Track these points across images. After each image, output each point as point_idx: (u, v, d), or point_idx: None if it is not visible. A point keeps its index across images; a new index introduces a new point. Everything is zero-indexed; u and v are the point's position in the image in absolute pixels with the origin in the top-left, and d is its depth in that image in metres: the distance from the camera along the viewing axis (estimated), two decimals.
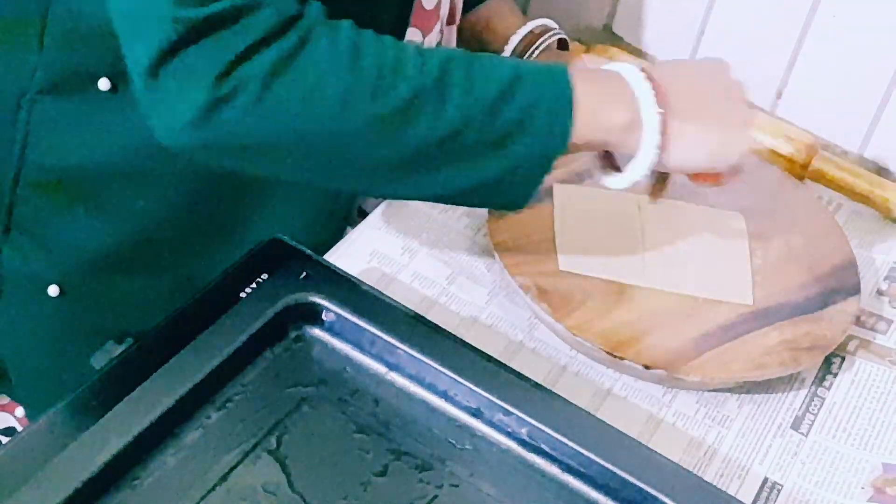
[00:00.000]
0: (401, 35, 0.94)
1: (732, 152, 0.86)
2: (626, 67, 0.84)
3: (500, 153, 0.79)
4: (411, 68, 0.76)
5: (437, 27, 0.99)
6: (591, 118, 0.80)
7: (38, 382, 1.00)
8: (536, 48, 1.07)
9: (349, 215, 1.02)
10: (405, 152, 0.77)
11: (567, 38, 1.11)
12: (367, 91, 0.75)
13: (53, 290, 0.95)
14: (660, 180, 0.94)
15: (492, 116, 0.77)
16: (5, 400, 1.03)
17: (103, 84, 0.86)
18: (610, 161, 0.88)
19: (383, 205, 1.01)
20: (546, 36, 1.08)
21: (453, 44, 1.07)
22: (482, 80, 0.78)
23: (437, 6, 0.97)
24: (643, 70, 0.83)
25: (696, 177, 0.89)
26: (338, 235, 0.99)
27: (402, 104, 0.75)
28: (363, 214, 1.02)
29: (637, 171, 0.84)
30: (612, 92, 0.82)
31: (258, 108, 0.73)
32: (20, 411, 1.03)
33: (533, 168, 0.80)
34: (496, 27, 1.10)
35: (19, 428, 1.04)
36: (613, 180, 0.87)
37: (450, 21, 1.03)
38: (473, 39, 1.11)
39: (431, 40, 0.99)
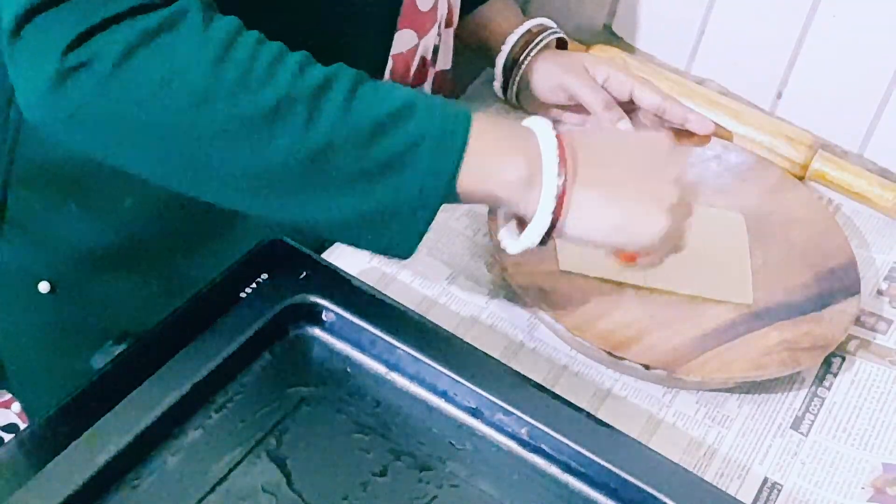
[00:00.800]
0: (389, 36, 0.94)
1: (640, 234, 0.79)
2: (540, 125, 0.78)
3: (375, 186, 0.73)
4: (285, 75, 0.71)
5: (435, 30, 0.99)
6: (481, 168, 0.75)
7: (34, 378, 1.00)
8: (534, 47, 1.07)
9: None
10: (266, 165, 0.72)
11: (566, 38, 1.11)
12: (229, 87, 0.70)
13: (44, 287, 0.94)
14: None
15: (366, 144, 0.73)
16: (5, 396, 1.03)
17: None
18: (520, 220, 0.82)
19: None
20: (544, 35, 1.08)
21: (451, 47, 1.07)
22: (366, 104, 0.73)
23: (434, 8, 0.97)
24: (556, 131, 0.78)
25: (613, 252, 0.85)
26: None
27: (265, 110, 0.71)
28: None
29: (531, 235, 0.78)
30: (515, 146, 0.77)
31: (109, 83, 0.69)
32: (17, 406, 1.03)
33: (415, 211, 0.75)
34: (495, 27, 1.10)
35: (18, 423, 1.05)
36: (511, 242, 0.81)
37: (448, 23, 1.03)
38: (473, 39, 1.11)
39: (428, 43, 0.99)
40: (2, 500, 0.66)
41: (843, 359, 0.94)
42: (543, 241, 0.79)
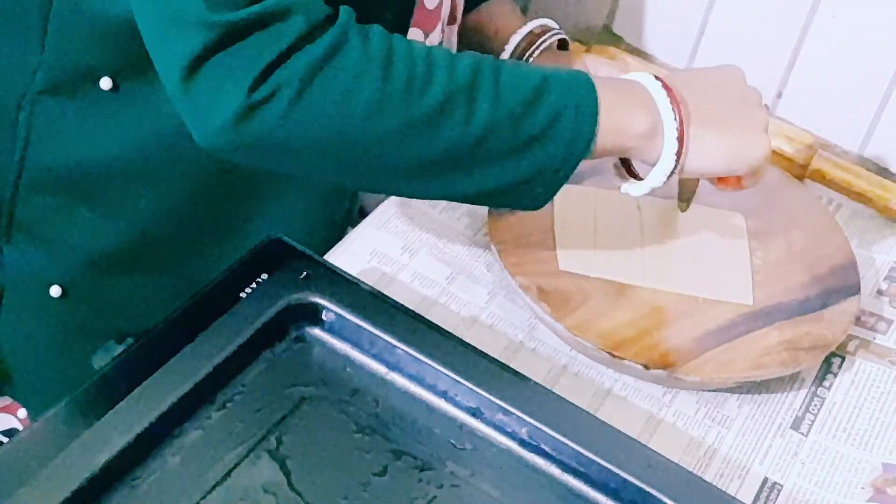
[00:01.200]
0: (403, 34, 0.94)
1: (751, 156, 0.87)
2: (643, 76, 0.85)
3: (525, 157, 0.80)
4: (442, 74, 0.77)
5: (439, 27, 0.99)
6: (613, 125, 0.82)
7: (41, 383, 1.00)
8: (536, 48, 1.07)
9: (350, 215, 1.02)
10: (435, 155, 0.79)
11: (567, 39, 1.11)
12: (399, 96, 0.76)
13: (56, 291, 0.95)
14: (687, 188, 0.96)
15: (519, 122, 0.79)
16: (7, 401, 1.03)
17: (105, 83, 0.86)
18: (628, 168, 0.90)
19: (383, 204, 1.01)
20: (546, 36, 1.08)
21: (454, 44, 1.07)
22: (510, 87, 0.79)
23: (439, 6, 0.97)
24: (659, 79, 0.85)
25: (718, 182, 0.90)
26: (339, 235, 0.99)
27: (433, 109, 0.77)
28: (363, 214, 1.02)
29: (656, 177, 0.85)
30: (634, 100, 0.84)
31: (292, 112, 0.74)
32: (22, 412, 1.03)
33: (557, 172, 0.82)
34: (497, 28, 1.10)
35: (21, 429, 1.04)
36: (633, 187, 0.89)
37: (450, 21, 1.04)
38: (474, 39, 1.11)
39: (433, 40, 0.99)
40: (2, 500, 0.66)
41: (843, 359, 0.94)
42: (667, 179, 0.86)
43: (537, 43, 1.07)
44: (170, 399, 0.72)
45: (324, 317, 0.81)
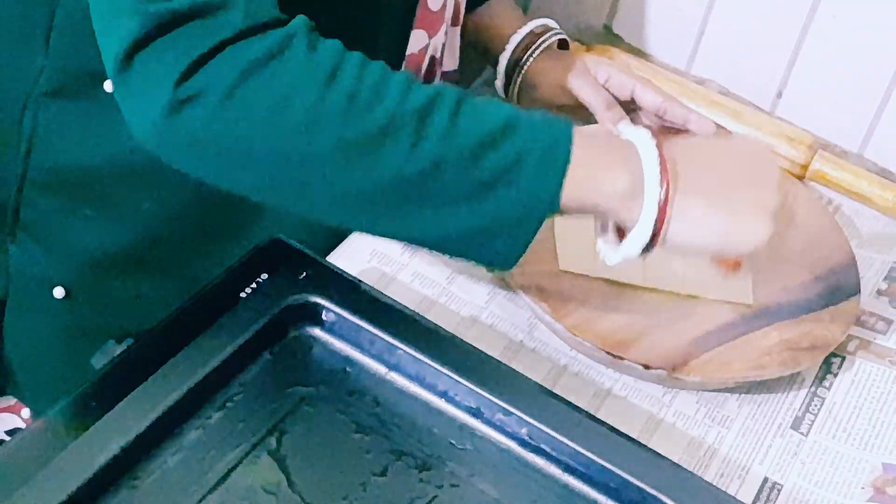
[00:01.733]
0: (405, 37, 0.94)
1: (745, 240, 0.79)
2: (639, 134, 0.79)
3: (482, 202, 0.74)
4: (392, 96, 0.72)
5: (443, 29, 0.99)
6: (585, 180, 0.75)
7: (44, 384, 1.00)
8: (537, 48, 1.07)
9: None
10: (375, 184, 0.73)
11: (567, 38, 1.11)
12: (338, 111, 0.71)
13: (59, 292, 0.94)
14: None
15: (473, 161, 0.73)
16: (11, 401, 1.03)
17: (109, 86, 0.86)
18: (618, 229, 0.82)
19: None
20: (546, 36, 1.08)
21: (457, 45, 1.07)
22: (470, 121, 0.73)
23: (443, 7, 0.97)
24: (656, 140, 0.78)
25: (714, 259, 0.85)
26: (342, 237, 0.99)
27: (374, 131, 0.72)
28: None
29: (631, 245, 0.78)
30: (617, 157, 0.77)
31: (221, 112, 0.70)
32: (26, 412, 1.03)
33: (518, 224, 0.75)
34: (497, 28, 1.10)
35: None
36: (610, 253, 0.81)
37: (454, 22, 1.04)
38: (475, 40, 1.11)
39: (437, 42, 0.99)
40: (2, 500, 0.66)
41: (843, 359, 0.94)
42: (645, 251, 0.78)
43: (537, 43, 1.07)
44: (170, 399, 0.72)
45: (324, 317, 0.81)
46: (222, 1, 0.70)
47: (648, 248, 0.78)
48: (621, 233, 0.80)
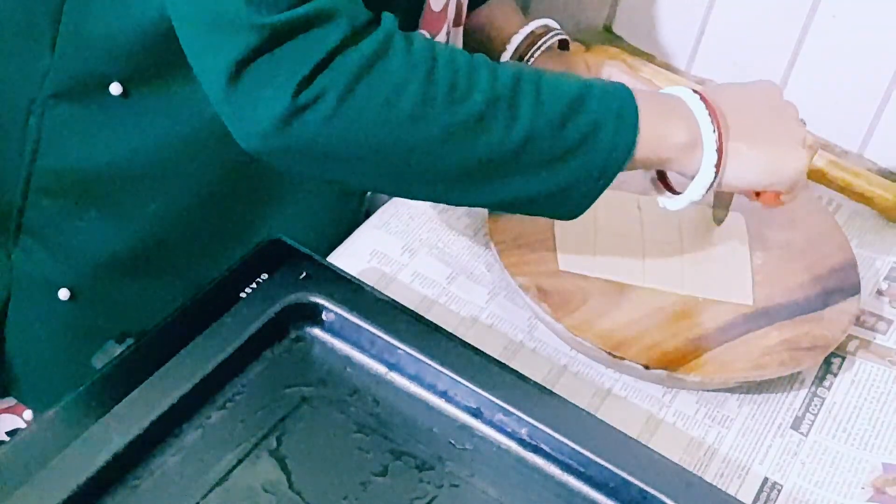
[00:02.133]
0: None
1: (788, 170, 0.87)
2: (681, 90, 0.86)
3: (565, 166, 0.80)
4: (484, 80, 0.78)
5: (444, 29, 0.99)
6: (653, 137, 0.82)
7: (47, 385, 1.00)
8: (537, 48, 1.07)
9: (356, 217, 1.01)
10: (476, 162, 0.79)
11: (568, 39, 1.11)
12: (442, 101, 0.76)
13: (64, 294, 0.95)
14: (722, 200, 0.97)
15: (559, 130, 0.79)
16: (13, 402, 1.03)
17: (115, 89, 0.86)
18: (664, 181, 0.91)
19: (384, 205, 1.01)
20: (547, 37, 1.08)
21: (460, 45, 1.07)
22: (551, 95, 0.80)
23: (445, 7, 0.97)
24: (698, 92, 0.85)
25: (756, 196, 0.91)
26: (342, 237, 0.99)
27: (475, 115, 0.77)
28: (368, 216, 1.02)
29: (696, 189, 0.86)
30: (673, 111, 0.84)
31: (337, 116, 0.74)
32: (28, 414, 1.03)
33: (596, 181, 0.82)
34: (498, 28, 1.10)
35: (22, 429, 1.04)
36: (671, 201, 0.89)
37: (456, 23, 1.03)
38: (475, 40, 1.11)
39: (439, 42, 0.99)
40: (2, 500, 0.66)
41: (843, 359, 0.94)
42: (706, 194, 0.86)
43: (538, 43, 1.07)
44: (170, 399, 0.72)
45: (324, 317, 0.81)
46: (330, 10, 0.73)
47: (709, 189, 0.86)
48: (665, 183, 0.90)
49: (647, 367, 0.86)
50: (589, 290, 0.94)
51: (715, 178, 0.85)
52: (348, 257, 0.94)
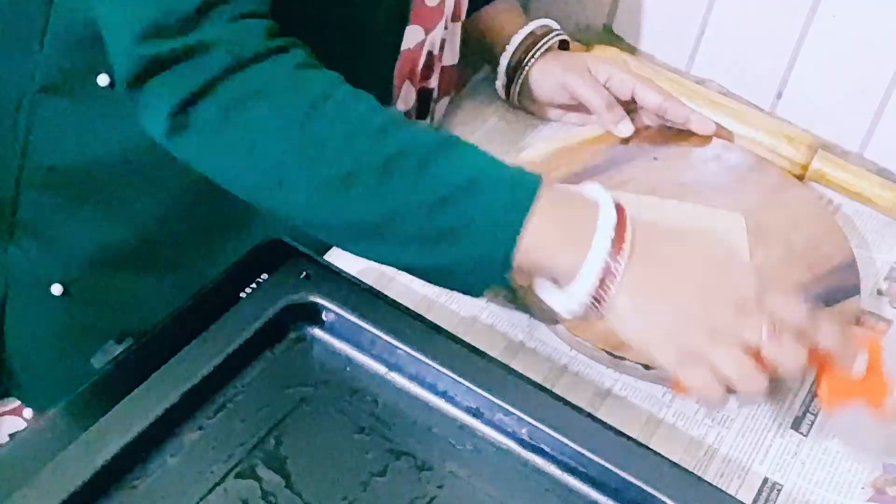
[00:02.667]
0: (399, 33, 0.94)
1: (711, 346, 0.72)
2: (603, 202, 0.75)
3: (440, 249, 0.75)
4: (361, 145, 0.75)
5: (441, 24, 0.99)
6: (535, 250, 0.73)
7: (45, 383, 1.00)
8: (538, 49, 1.07)
9: None
10: (344, 221, 0.76)
11: (568, 39, 1.11)
12: (306, 157, 0.75)
13: (57, 290, 0.95)
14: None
15: (430, 215, 0.74)
16: (15, 404, 1.03)
17: (102, 80, 0.86)
18: None
19: None
20: (548, 37, 1.08)
21: (457, 42, 1.07)
22: (434, 176, 0.74)
23: (442, 3, 0.97)
24: (619, 216, 0.74)
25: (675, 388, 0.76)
26: None
27: (339, 178, 0.74)
28: None
29: (561, 307, 0.76)
30: (573, 232, 0.74)
31: (208, 146, 0.76)
32: (28, 412, 1.03)
33: (475, 273, 0.76)
34: (498, 29, 1.10)
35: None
36: (548, 294, 0.77)
37: (455, 18, 1.03)
38: (475, 39, 1.11)
39: (435, 37, 0.99)
40: (2, 500, 0.66)
41: None
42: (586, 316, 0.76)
43: (539, 44, 1.07)
44: (170, 399, 0.72)
45: (324, 317, 0.81)
46: (204, 44, 0.74)
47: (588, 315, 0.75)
48: None
49: (647, 368, 0.86)
50: None
51: (595, 309, 0.74)
52: (348, 257, 0.94)
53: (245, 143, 0.75)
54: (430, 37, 0.98)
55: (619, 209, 0.74)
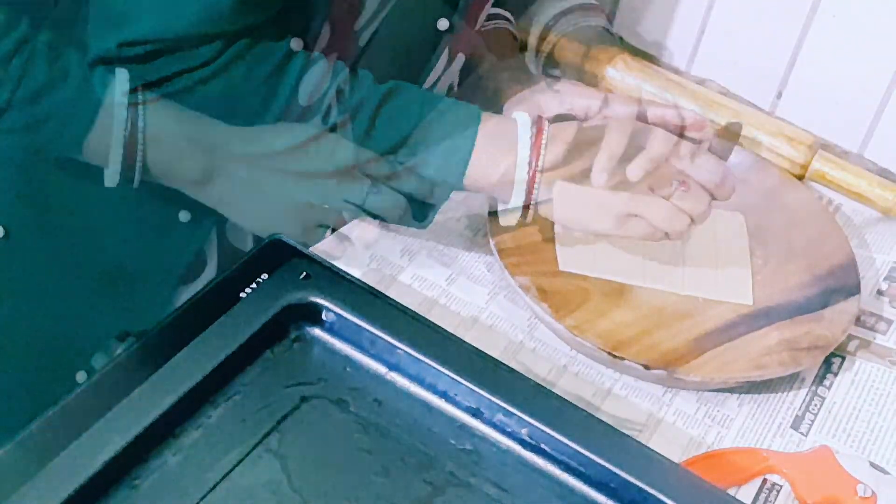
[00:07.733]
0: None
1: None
2: (522, 119, 0.88)
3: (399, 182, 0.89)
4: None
5: None
6: (479, 174, 0.89)
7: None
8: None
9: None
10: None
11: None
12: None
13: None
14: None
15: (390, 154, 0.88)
16: None
17: None
18: None
19: None
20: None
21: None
22: (386, 127, 0.88)
23: None
24: (536, 127, 0.88)
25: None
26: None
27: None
28: None
29: (505, 217, 0.90)
30: (505, 146, 0.88)
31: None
32: None
33: (426, 200, 0.91)
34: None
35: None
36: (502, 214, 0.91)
37: None
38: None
39: None
40: (2, 500, 0.66)
41: (843, 359, 0.94)
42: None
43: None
44: (170, 399, 0.72)
45: (324, 317, 0.81)
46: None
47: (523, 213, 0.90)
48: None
49: (647, 367, 0.86)
50: (589, 290, 0.94)
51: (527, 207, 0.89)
52: (348, 261, 0.94)
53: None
54: None
55: (538, 118, 0.88)
